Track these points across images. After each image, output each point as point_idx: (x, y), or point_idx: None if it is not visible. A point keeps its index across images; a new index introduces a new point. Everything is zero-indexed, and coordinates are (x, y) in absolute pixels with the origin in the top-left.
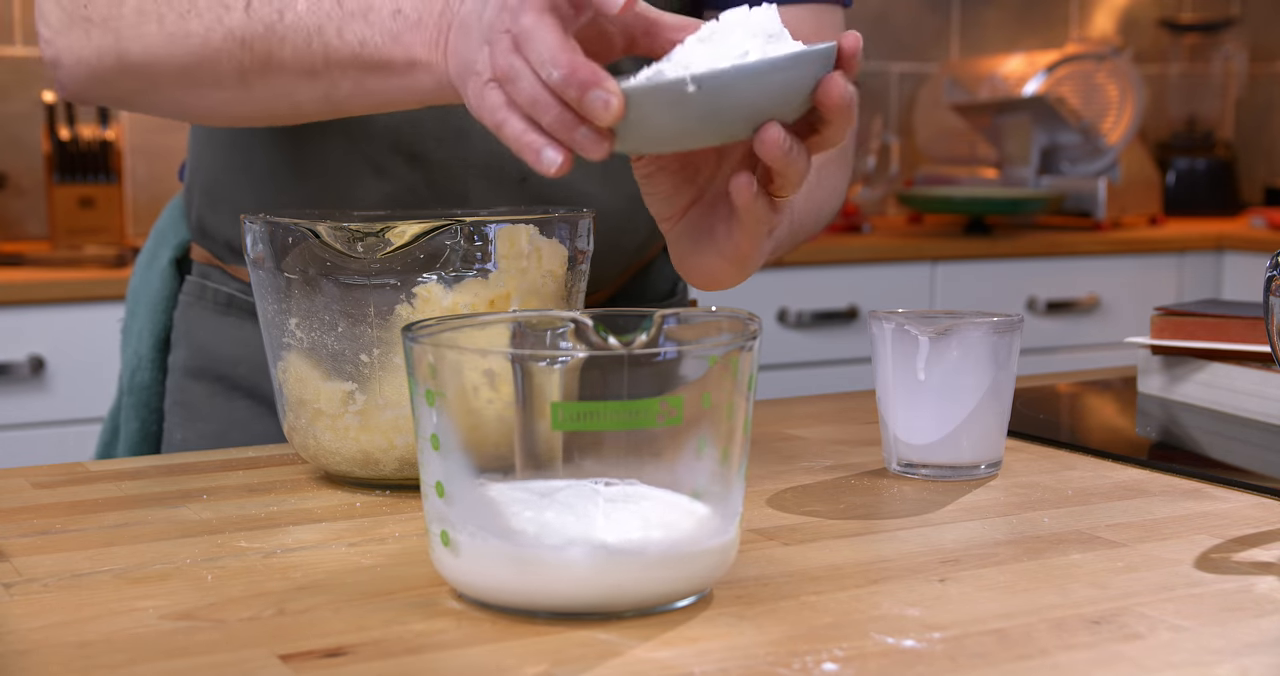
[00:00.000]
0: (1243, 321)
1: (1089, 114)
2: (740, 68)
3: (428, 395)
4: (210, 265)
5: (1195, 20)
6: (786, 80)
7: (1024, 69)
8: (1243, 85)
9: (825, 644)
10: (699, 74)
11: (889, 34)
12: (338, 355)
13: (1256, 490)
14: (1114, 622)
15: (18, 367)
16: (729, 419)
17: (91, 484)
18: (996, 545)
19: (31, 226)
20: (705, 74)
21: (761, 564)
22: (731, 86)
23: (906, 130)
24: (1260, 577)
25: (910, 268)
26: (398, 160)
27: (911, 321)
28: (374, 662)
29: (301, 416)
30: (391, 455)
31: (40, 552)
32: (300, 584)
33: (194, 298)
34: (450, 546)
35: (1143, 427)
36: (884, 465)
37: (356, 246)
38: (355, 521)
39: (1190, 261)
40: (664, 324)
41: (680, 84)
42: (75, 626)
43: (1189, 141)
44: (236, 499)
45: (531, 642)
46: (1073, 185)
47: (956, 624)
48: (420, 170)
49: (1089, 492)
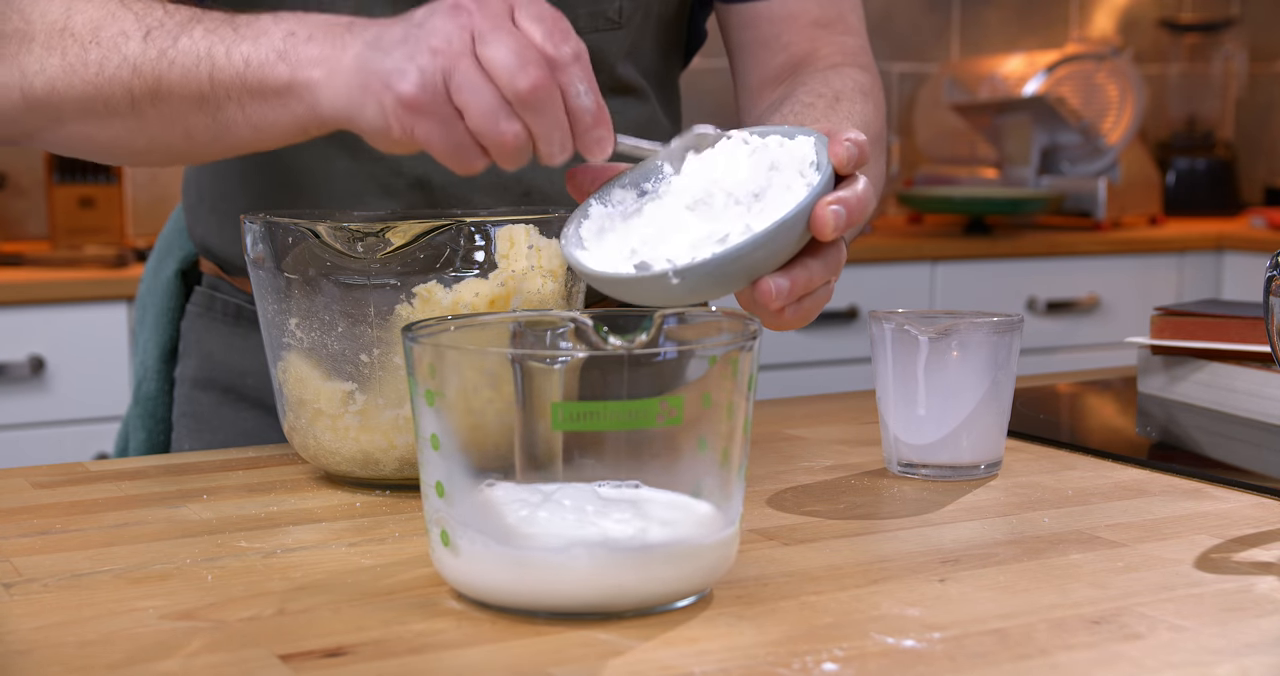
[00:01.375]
0: (1243, 321)
1: (1089, 114)
2: (720, 256)
3: (428, 395)
4: (218, 277)
5: (1195, 20)
6: (773, 249)
7: (1024, 69)
8: (1243, 85)
9: (825, 644)
10: (681, 267)
11: (889, 34)
12: (338, 355)
13: (1256, 490)
14: (1114, 622)
15: (18, 367)
16: (729, 419)
17: (91, 484)
18: (996, 545)
19: (31, 226)
20: (687, 267)
21: (761, 564)
22: (717, 270)
23: (906, 130)
24: (1260, 577)
25: (910, 268)
26: (401, 182)
27: (911, 321)
28: (374, 662)
29: (301, 416)
30: (391, 455)
31: (40, 552)
32: (300, 584)
33: (202, 309)
34: (450, 546)
35: (1143, 427)
36: (884, 465)
37: (356, 246)
38: (355, 521)
39: (1190, 261)
40: (664, 324)
41: (664, 277)
42: (75, 626)
43: (1189, 141)
44: (236, 499)
45: (531, 642)
46: (1073, 185)
47: (956, 624)
48: (424, 190)
49: (1089, 492)
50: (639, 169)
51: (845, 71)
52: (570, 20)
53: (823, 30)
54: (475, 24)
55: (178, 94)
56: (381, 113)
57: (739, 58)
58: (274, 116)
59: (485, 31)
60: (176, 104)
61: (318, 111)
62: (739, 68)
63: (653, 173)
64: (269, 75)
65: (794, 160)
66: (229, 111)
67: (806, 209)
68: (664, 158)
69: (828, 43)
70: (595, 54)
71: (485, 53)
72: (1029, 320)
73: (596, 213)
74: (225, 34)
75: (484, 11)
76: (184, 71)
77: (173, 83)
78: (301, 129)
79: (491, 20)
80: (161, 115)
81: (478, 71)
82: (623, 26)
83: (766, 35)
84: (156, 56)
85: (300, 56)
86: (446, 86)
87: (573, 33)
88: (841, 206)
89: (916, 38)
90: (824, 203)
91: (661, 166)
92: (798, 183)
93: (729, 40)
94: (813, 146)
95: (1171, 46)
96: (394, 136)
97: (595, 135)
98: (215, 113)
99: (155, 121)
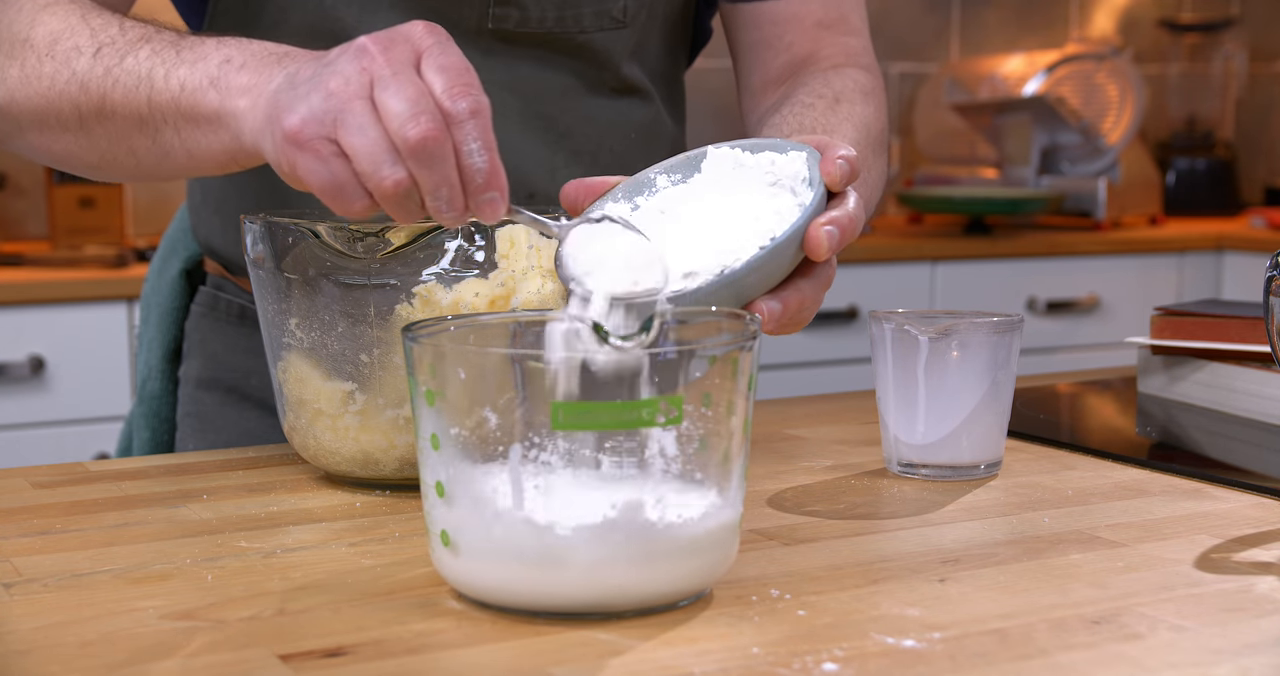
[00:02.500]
0: (1243, 321)
1: (1089, 114)
2: (714, 283)
3: (428, 395)
4: (223, 277)
5: (1195, 20)
6: (765, 273)
7: (1024, 69)
8: (1243, 85)
9: (825, 644)
10: (675, 294)
11: (889, 34)
12: (338, 355)
13: (1256, 490)
14: (1114, 622)
15: (18, 367)
16: (729, 419)
17: (91, 484)
18: (996, 545)
19: (31, 226)
20: (679, 293)
21: (761, 564)
22: (710, 296)
23: (906, 130)
24: (1260, 577)
25: (910, 268)
26: None
27: (911, 321)
28: (374, 662)
29: (301, 416)
30: (391, 455)
31: (40, 552)
32: (300, 584)
33: (207, 309)
34: (450, 546)
35: (1143, 427)
36: (884, 465)
37: (356, 246)
38: (355, 521)
39: (1190, 261)
40: (664, 324)
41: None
42: (75, 626)
43: (1189, 141)
44: (236, 499)
45: (531, 642)
46: (1073, 185)
47: (956, 624)
48: None
49: (1089, 492)
50: (632, 183)
51: (847, 72)
52: (574, 19)
53: (826, 31)
54: (376, 69)
55: (120, 114)
56: (273, 145)
57: (742, 58)
58: (205, 142)
59: (385, 77)
60: (120, 123)
61: (241, 141)
62: (741, 68)
63: (645, 187)
64: (200, 102)
65: (786, 177)
66: (166, 135)
67: (800, 231)
68: (560, 231)
69: (830, 43)
70: (601, 54)
71: (380, 97)
72: (1029, 320)
73: (585, 234)
74: (168, 56)
75: (388, 56)
76: (125, 92)
77: (115, 102)
78: (231, 157)
79: (394, 66)
80: (107, 133)
81: (369, 114)
82: (628, 25)
83: (770, 35)
84: (103, 74)
85: (230, 84)
86: (335, 126)
87: (477, 87)
88: (835, 227)
89: (916, 38)
90: (817, 224)
91: (655, 179)
92: (789, 203)
93: (732, 40)
94: (804, 162)
95: (1171, 46)
96: (282, 170)
97: (486, 197)
98: (154, 135)
99: (102, 139)
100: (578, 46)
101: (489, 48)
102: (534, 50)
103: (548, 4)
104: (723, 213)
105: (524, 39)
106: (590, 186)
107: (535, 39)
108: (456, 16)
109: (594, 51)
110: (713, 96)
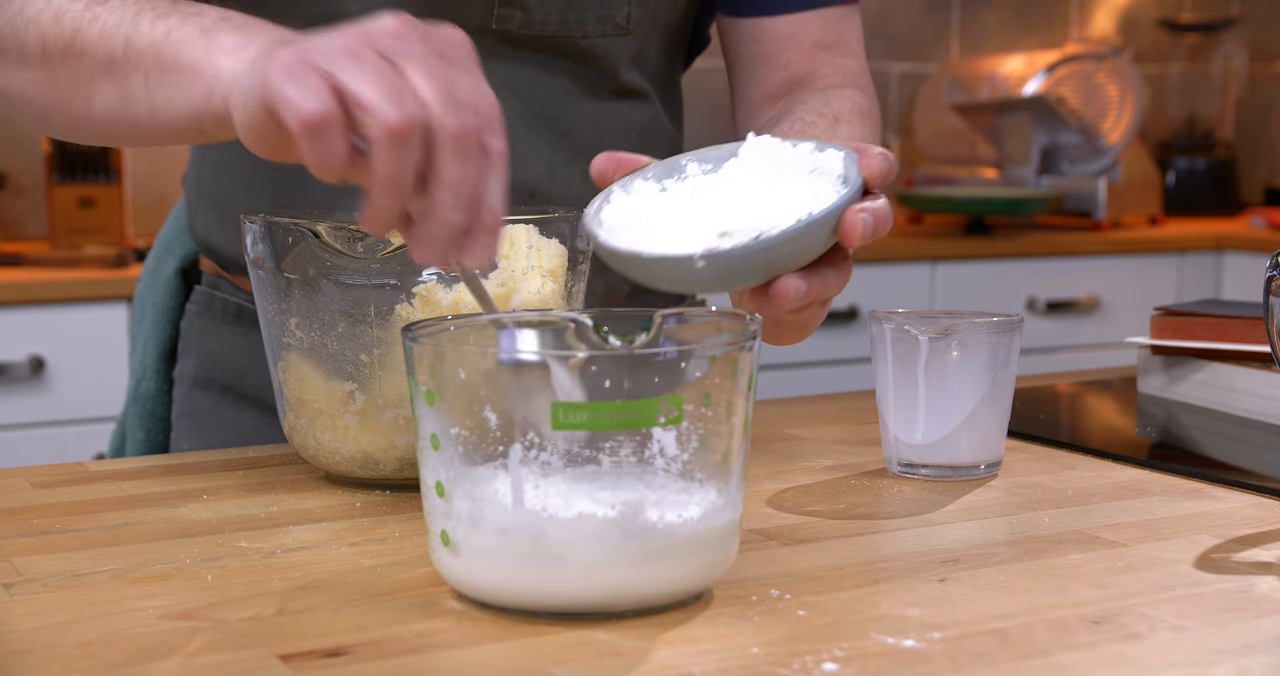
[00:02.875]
0: (1243, 321)
1: (1089, 114)
2: (748, 247)
3: (428, 395)
4: (219, 276)
5: (1195, 20)
6: (799, 246)
7: (1024, 69)
8: (1243, 85)
9: (825, 644)
10: (708, 252)
11: (889, 34)
12: (338, 355)
13: (1256, 490)
14: (1114, 622)
15: (18, 367)
16: (729, 419)
17: (91, 484)
18: (996, 545)
19: (31, 226)
20: (715, 252)
21: (761, 564)
22: (742, 260)
23: (906, 130)
24: (1260, 577)
25: (910, 268)
26: None
27: (911, 321)
28: (374, 662)
29: (301, 416)
30: (391, 455)
31: (40, 552)
32: (300, 584)
33: (203, 308)
34: (450, 546)
35: (1143, 427)
36: (884, 465)
37: (356, 246)
38: (355, 521)
39: (1190, 261)
40: (664, 324)
41: (688, 260)
42: (75, 626)
43: (1189, 141)
44: (236, 499)
45: (531, 642)
46: (1073, 185)
47: (956, 624)
48: None
49: (1089, 492)
50: (662, 165)
51: (845, 93)
52: (578, 23)
53: (824, 51)
54: (407, 47)
55: (90, 53)
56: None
57: (738, 71)
58: (171, 95)
59: (418, 56)
60: (86, 64)
61: (210, 99)
62: (737, 81)
63: (675, 171)
64: (181, 51)
65: (825, 169)
66: (133, 81)
67: (837, 211)
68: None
69: (828, 63)
70: (602, 59)
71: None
72: (1029, 320)
73: (619, 199)
74: (160, 4)
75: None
76: (103, 30)
77: (88, 39)
78: (194, 117)
79: (430, 54)
80: (69, 73)
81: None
82: (630, 32)
83: (769, 51)
84: (82, 8)
85: (220, 40)
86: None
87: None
88: (870, 216)
89: (916, 38)
90: (853, 210)
91: (685, 166)
92: (827, 190)
93: (729, 52)
94: (842, 161)
95: (1171, 46)
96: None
97: (488, 239)
98: (121, 81)
99: (62, 79)
100: (580, 51)
101: (492, 48)
102: (536, 53)
103: (551, 7)
104: (760, 188)
105: (526, 41)
106: (622, 160)
107: (537, 41)
108: (460, 15)
109: (595, 56)
110: (712, 96)
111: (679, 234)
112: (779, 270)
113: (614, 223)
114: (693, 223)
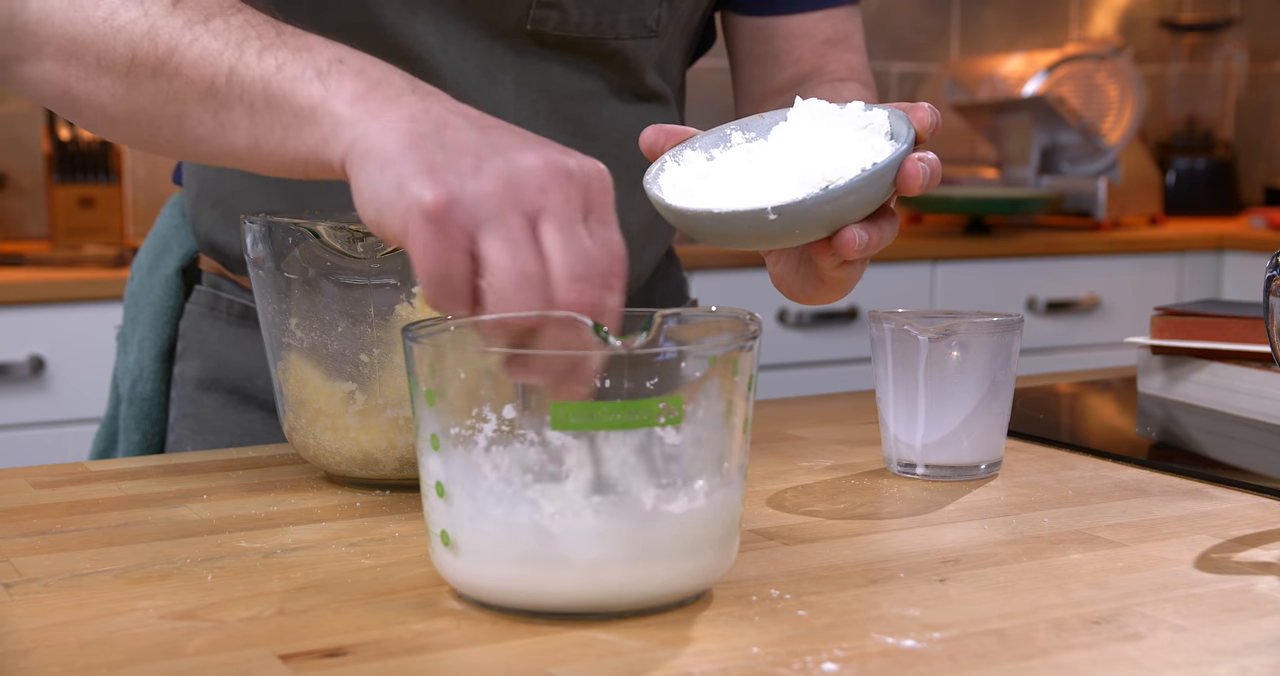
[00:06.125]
0: (1243, 321)
1: (1089, 114)
2: (818, 197)
3: (428, 395)
4: (221, 276)
5: (1195, 20)
6: (864, 196)
7: (1024, 69)
8: (1243, 85)
9: (825, 644)
10: (779, 204)
11: (889, 34)
12: (338, 355)
13: (1256, 490)
14: (1114, 622)
15: (18, 367)
16: (729, 418)
17: (91, 484)
18: (996, 545)
19: (31, 226)
20: (786, 204)
21: (761, 564)
22: (812, 210)
23: None
24: (1260, 577)
25: (910, 268)
26: None
27: (911, 321)
28: (374, 662)
29: (301, 416)
30: (391, 455)
31: (40, 552)
32: (300, 584)
33: (205, 309)
34: (450, 546)
35: (1143, 427)
36: (884, 465)
37: (356, 246)
38: (355, 521)
39: (1190, 261)
40: (664, 324)
41: (760, 213)
42: (75, 626)
43: (1189, 141)
44: (236, 499)
45: (531, 642)
46: (1073, 185)
47: (956, 624)
48: None
49: (1089, 492)
50: (709, 135)
51: (851, 86)
52: (610, 25)
53: (832, 47)
54: (551, 202)
55: (185, 75)
56: (395, 196)
57: (745, 67)
58: (281, 135)
59: (559, 215)
60: (181, 85)
61: (324, 147)
62: (743, 77)
63: (722, 140)
64: (296, 91)
65: (875, 125)
66: (235, 113)
67: (898, 161)
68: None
69: (834, 59)
70: (630, 61)
71: (546, 234)
72: (1029, 320)
73: (672, 167)
74: (265, 32)
75: (566, 194)
76: (203, 53)
77: (185, 61)
78: (298, 159)
79: (569, 211)
80: (158, 90)
81: (528, 237)
82: (659, 35)
83: (779, 50)
84: (182, 26)
85: (341, 87)
86: (481, 227)
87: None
88: (927, 165)
89: (916, 38)
90: (912, 158)
91: (730, 135)
92: (882, 143)
93: (736, 50)
94: (887, 119)
95: (1171, 46)
96: (372, 216)
97: (586, 388)
98: (219, 110)
99: (147, 95)
100: (610, 53)
101: (524, 48)
102: (566, 54)
103: (587, 8)
104: (818, 144)
105: (558, 42)
106: (671, 131)
107: (569, 43)
108: (497, 15)
109: (624, 59)
110: (712, 96)
111: (746, 190)
112: (842, 221)
113: (678, 186)
114: (757, 179)
